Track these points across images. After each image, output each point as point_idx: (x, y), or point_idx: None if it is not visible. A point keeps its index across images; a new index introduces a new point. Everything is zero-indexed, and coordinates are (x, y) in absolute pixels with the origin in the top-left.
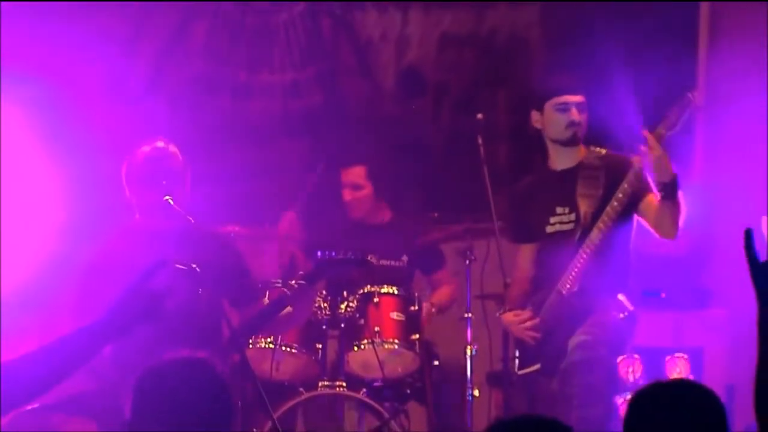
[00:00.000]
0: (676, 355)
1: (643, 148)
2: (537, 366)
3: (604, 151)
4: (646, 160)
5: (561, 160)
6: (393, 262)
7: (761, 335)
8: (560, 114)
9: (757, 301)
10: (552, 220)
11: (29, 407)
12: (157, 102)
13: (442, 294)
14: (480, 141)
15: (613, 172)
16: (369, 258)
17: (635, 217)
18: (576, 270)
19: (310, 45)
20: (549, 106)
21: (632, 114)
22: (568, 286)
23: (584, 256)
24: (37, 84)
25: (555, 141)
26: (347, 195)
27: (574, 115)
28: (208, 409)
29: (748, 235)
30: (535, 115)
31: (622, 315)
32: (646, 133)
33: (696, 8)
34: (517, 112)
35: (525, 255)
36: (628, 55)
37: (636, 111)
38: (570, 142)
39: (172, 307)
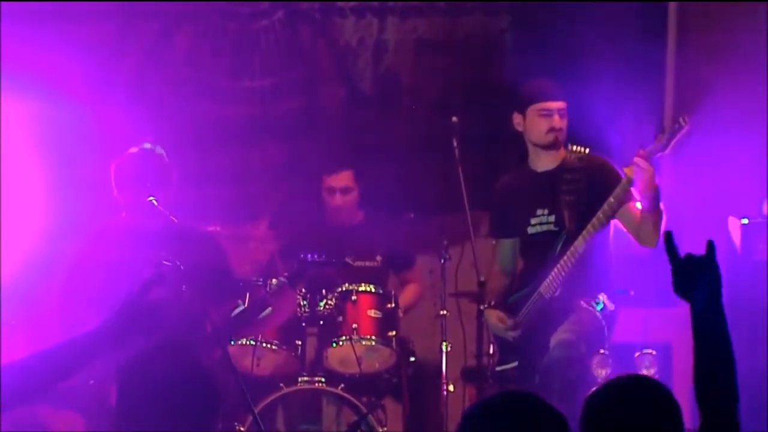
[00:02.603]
0: (645, 351)
1: (637, 164)
2: (515, 363)
3: (584, 151)
4: (638, 176)
5: (541, 161)
6: (368, 263)
7: (693, 330)
8: (542, 119)
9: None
10: (533, 221)
11: None
12: (142, 106)
13: (408, 293)
14: (455, 143)
15: (594, 174)
16: (347, 260)
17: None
18: (560, 276)
19: (289, 51)
20: (532, 110)
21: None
22: (551, 291)
23: (568, 263)
24: (24, 87)
25: (536, 144)
26: (338, 200)
27: (556, 121)
28: (192, 393)
29: (669, 237)
30: (517, 118)
31: (600, 308)
32: (642, 152)
33: (665, 8)
34: (490, 116)
35: (503, 250)
36: (598, 57)
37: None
38: (551, 147)
39: (158, 303)
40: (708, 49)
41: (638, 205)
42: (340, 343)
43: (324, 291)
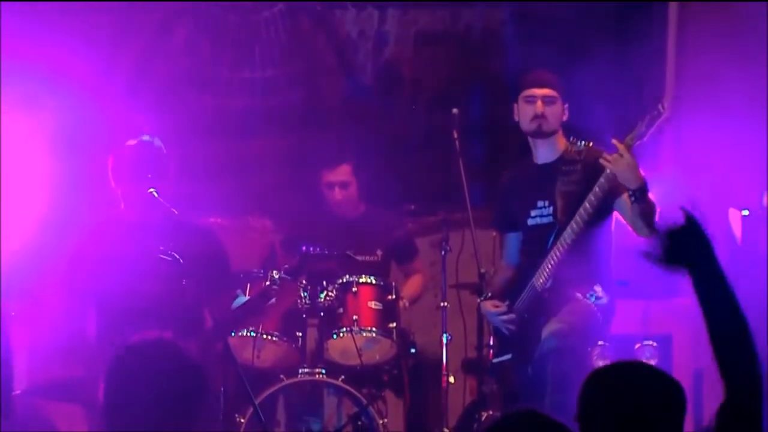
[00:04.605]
0: (646, 342)
1: (610, 156)
2: (509, 356)
3: (585, 145)
4: (615, 167)
5: (541, 153)
6: (368, 257)
7: (699, 300)
8: (527, 106)
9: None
10: (533, 213)
11: (16, 392)
12: (141, 98)
13: (413, 284)
14: (455, 135)
15: (592, 167)
16: (348, 252)
17: (614, 212)
18: (550, 266)
19: (290, 42)
20: (520, 98)
21: (599, 111)
22: (541, 281)
23: (558, 253)
24: (23, 80)
25: (526, 133)
26: (337, 194)
27: (539, 107)
28: (178, 387)
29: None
30: (515, 108)
31: (593, 300)
32: (615, 142)
33: (665, 8)
34: (491, 108)
35: (510, 244)
36: (599, 48)
37: (603, 110)
38: (536, 135)
39: (157, 296)
40: (709, 38)
41: None
42: (341, 334)
43: (324, 282)
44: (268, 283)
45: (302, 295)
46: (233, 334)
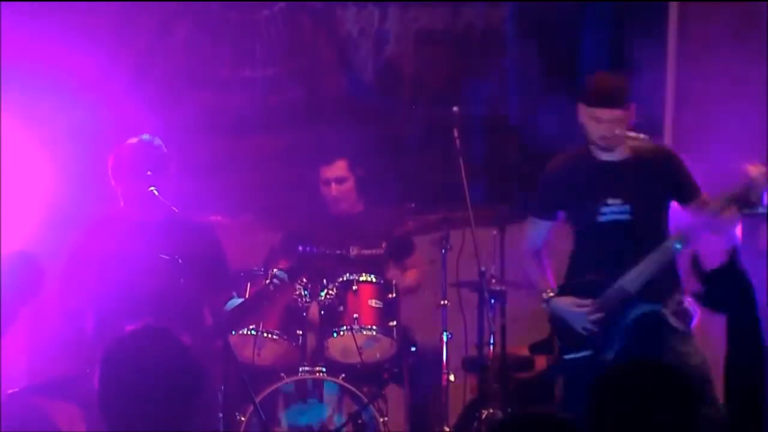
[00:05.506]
0: None
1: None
2: (587, 353)
3: (644, 138)
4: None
5: (605, 153)
6: (374, 251)
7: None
8: (594, 124)
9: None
10: (604, 209)
11: (11, 390)
12: (142, 97)
13: (409, 276)
14: (456, 133)
15: (664, 165)
16: (351, 250)
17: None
18: (647, 272)
19: (290, 41)
20: (586, 111)
21: None
22: (637, 285)
23: (658, 261)
24: (24, 79)
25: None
26: (333, 190)
27: (605, 130)
28: (173, 375)
29: (695, 260)
30: (581, 108)
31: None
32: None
33: (665, 8)
34: (491, 106)
35: (539, 230)
36: (599, 46)
37: None
38: (603, 149)
39: (156, 294)
40: (709, 49)
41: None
42: (341, 333)
43: (325, 281)
44: (267, 281)
45: (303, 293)
46: (233, 333)
